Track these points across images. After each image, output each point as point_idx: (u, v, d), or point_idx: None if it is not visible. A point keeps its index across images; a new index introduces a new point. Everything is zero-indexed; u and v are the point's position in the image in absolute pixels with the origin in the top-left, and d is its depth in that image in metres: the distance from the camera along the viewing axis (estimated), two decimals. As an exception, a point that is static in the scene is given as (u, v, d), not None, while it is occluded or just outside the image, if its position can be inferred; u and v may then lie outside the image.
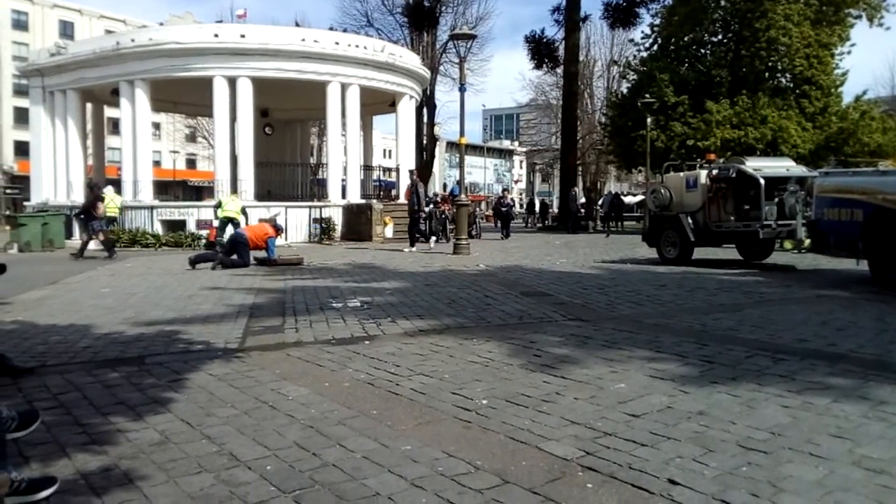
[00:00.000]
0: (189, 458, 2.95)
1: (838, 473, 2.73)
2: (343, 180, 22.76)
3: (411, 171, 19.17)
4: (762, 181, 11.28)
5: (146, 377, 4.38)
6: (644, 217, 16.43)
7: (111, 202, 17.38)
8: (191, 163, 65.99)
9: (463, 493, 2.57)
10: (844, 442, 3.08)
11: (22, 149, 45.35)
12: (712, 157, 14.80)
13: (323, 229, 20.79)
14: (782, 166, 12.57)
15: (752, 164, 11.99)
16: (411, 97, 25.12)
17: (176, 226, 20.06)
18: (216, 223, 16.03)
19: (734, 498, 2.50)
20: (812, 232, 10.56)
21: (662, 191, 12.98)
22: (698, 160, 16.18)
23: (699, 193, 12.27)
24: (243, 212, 15.76)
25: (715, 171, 12.23)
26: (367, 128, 27.84)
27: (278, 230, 13.68)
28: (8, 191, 51.02)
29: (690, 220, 12.20)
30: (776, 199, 11.42)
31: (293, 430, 3.32)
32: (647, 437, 3.15)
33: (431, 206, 22.12)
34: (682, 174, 13.32)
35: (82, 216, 16.08)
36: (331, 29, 25.85)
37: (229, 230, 14.61)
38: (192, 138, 61.26)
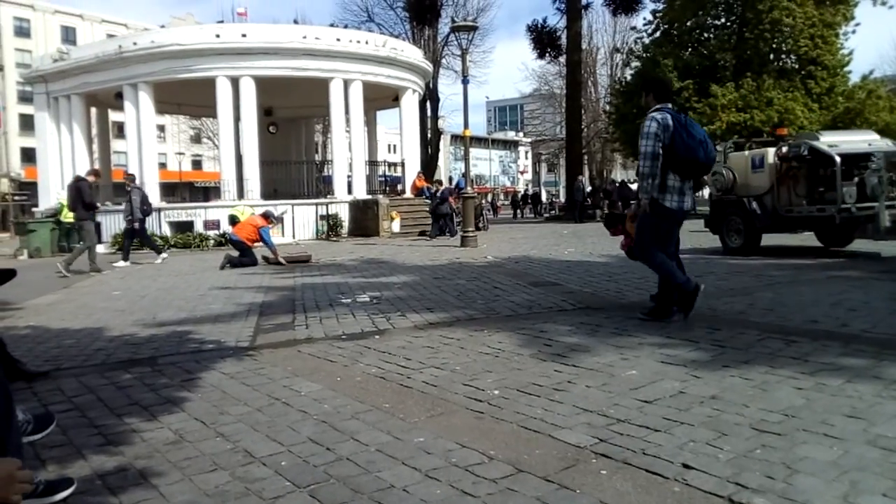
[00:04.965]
0: (204, 456, 2.97)
1: (853, 453, 2.72)
2: (349, 176, 22.75)
3: (129, 177, 15.07)
4: (837, 159, 10.04)
5: (159, 377, 4.40)
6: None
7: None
8: (196, 164, 66.27)
9: (477, 483, 2.57)
10: (859, 422, 3.07)
11: (28, 155, 45.60)
12: (783, 132, 13.11)
13: (330, 226, 20.82)
14: (864, 140, 11.23)
15: (828, 140, 10.76)
16: (414, 91, 25.06)
17: (184, 227, 20.12)
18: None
19: (749, 480, 2.49)
20: None
21: (724, 172, 11.70)
22: (767, 136, 14.71)
23: (766, 174, 11.09)
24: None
25: (784, 149, 11.03)
26: (370, 123, 27.80)
27: (268, 218, 13.15)
28: (16, 197, 51.30)
29: (756, 205, 11.09)
30: (856, 179, 10.22)
31: (306, 425, 3.33)
32: (660, 423, 3.14)
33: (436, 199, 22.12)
34: (746, 153, 11.96)
35: None
36: (332, 25, 25.85)
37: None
38: (196, 139, 61.55)
